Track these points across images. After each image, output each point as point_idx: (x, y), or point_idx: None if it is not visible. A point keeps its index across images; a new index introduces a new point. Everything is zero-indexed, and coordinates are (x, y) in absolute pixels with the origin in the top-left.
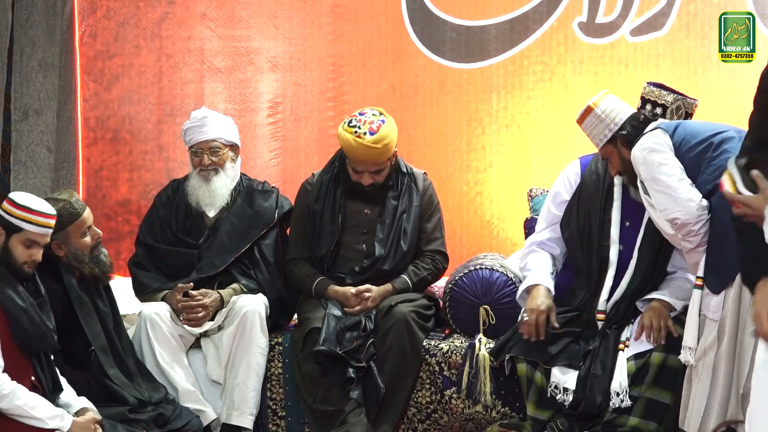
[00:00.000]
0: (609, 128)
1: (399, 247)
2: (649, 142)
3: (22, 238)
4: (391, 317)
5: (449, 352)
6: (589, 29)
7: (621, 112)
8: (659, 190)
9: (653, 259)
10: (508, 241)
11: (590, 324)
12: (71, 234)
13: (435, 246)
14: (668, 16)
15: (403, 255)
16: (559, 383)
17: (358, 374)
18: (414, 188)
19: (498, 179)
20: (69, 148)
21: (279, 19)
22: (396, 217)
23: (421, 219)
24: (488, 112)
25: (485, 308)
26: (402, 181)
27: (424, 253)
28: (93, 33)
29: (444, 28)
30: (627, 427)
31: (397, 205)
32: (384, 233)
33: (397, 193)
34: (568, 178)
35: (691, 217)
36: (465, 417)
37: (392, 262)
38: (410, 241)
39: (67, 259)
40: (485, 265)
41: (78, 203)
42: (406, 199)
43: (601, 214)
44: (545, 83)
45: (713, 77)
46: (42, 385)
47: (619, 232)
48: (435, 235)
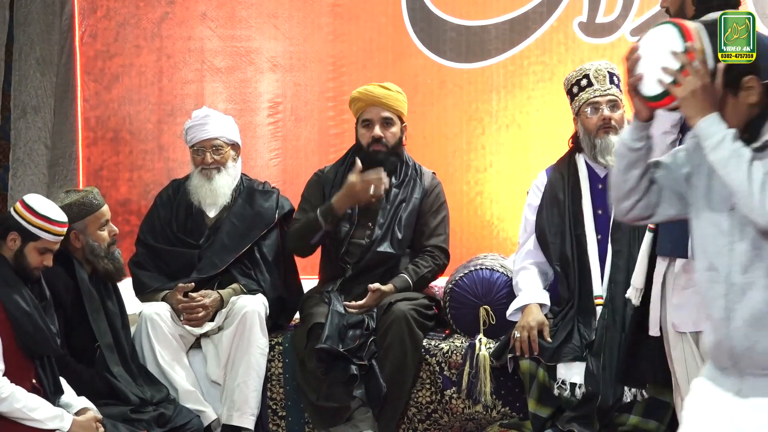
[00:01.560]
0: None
1: (394, 233)
2: None
3: (39, 246)
4: (390, 315)
5: (449, 352)
6: (590, 29)
7: None
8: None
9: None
10: (509, 241)
11: (586, 311)
12: (90, 224)
13: (436, 242)
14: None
15: (398, 241)
16: (566, 379)
17: (361, 372)
18: (418, 182)
19: (498, 179)
20: (65, 146)
21: (279, 19)
22: (395, 205)
23: (425, 214)
24: (488, 112)
25: (485, 308)
26: (406, 172)
27: (425, 249)
28: (93, 33)
29: (444, 28)
30: (628, 426)
31: (398, 193)
32: (384, 218)
33: (399, 182)
34: (537, 187)
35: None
36: (465, 417)
37: (388, 246)
38: (405, 230)
39: (83, 252)
40: (485, 266)
41: (99, 197)
42: (408, 190)
43: (569, 207)
44: (545, 83)
45: None
46: (43, 387)
47: (593, 221)
48: (438, 231)
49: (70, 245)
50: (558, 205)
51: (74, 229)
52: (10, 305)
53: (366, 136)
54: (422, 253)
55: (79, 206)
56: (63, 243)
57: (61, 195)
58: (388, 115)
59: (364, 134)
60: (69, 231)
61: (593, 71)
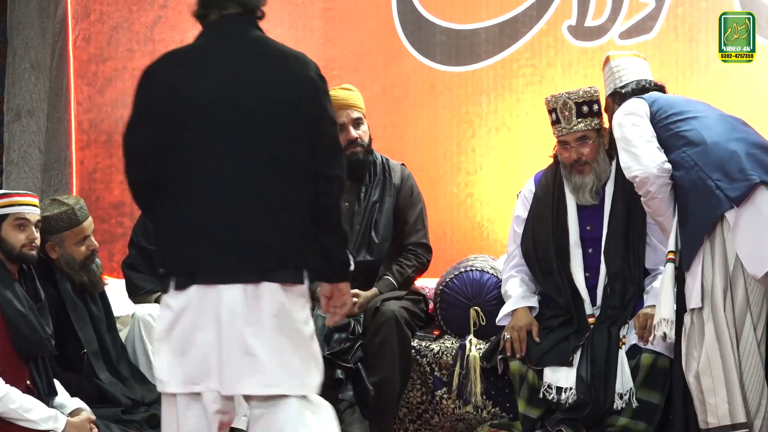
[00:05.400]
0: (614, 83)
1: (371, 238)
2: (628, 106)
3: (11, 221)
4: (381, 316)
5: (440, 353)
6: (579, 32)
7: (632, 73)
8: (625, 149)
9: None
10: (499, 242)
11: (582, 326)
12: (67, 239)
13: (417, 238)
14: (657, 19)
15: (376, 246)
16: (552, 383)
17: (347, 375)
18: (389, 179)
19: (488, 181)
20: (59, 149)
21: (271, 23)
22: (367, 209)
23: (402, 210)
24: (478, 114)
25: (476, 309)
26: (375, 171)
27: (407, 248)
28: (86, 37)
29: (434, 31)
30: (616, 427)
31: (370, 195)
32: (359, 224)
33: (370, 185)
34: (525, 197)
35: (650, 176)
36: (456, 417)
37: (366, 254)
38: (383, 231)
39: (59, 262)
40: (476, 267)
41: (81, 211)
42: (379, 190)
43: (554, 221)
44: (535, 86)
45: (701, 80)
46: (38, 388)
47: (579, 236)
48: (417, 226)
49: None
50: (543, 222)
51: (50, 240)
52: (5, 306)
53: (341, 141)
54: (405, 251)
55: (56, 220)
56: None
57: (45, 203)
58: (357, 116)
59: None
60: (45, 242)
61: (559, 106)
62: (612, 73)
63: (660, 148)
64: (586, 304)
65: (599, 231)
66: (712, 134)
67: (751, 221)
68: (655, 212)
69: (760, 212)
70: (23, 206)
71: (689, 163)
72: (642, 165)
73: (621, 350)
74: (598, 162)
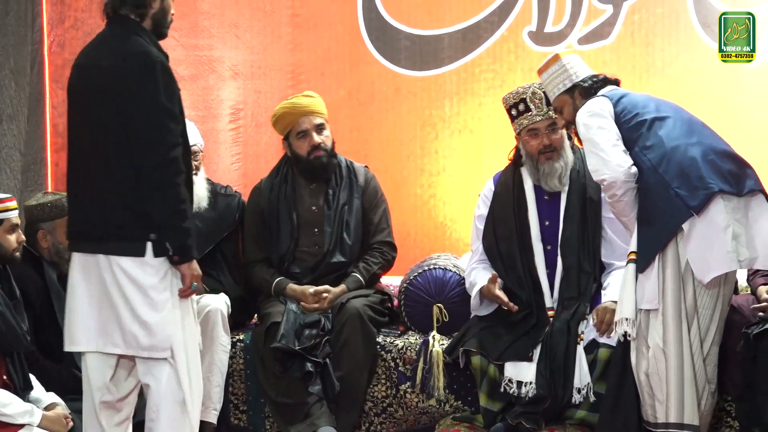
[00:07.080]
0: (570, 78)
1: (343, 239)
2: (593, 107)
3: (6, 227)
4: (344, 313)
5: (404, 348)
6: (539, 38)
7: (583, 68)
8: (593, 152)
9: (578, 245)
10: (461, 241)
11: (541, 320)
12: (58, 227)
13: (382, 237)
14: (614, 25)
15: (348, 248)
16: (513, 377)
17: (316, 369)
18: (354, 181)
19: (451, 182)
20: (36, 151)
21: (240, 29)
22: (338, 211)
23: (367, 211)
24: (442, 117)
25: (438, 306)
26: (341, 175)
27: (372, 247)
28: (61, 42)
29: (399, 37)
30: (574, 420)
31: (338, 198)
32: (331, 226)
33: (338, 187)
34: (485, 196)
35: (618, 181)
36: (419, 411)
37: (339, 255)
38: (354, 233)
39: (49, 252)
40: (438, 265)
41: None
42: (347, 192)
43: (515, 218)
44: (496, 90)
45: (657, 84)
46: (14, 383)
47: (540, 232)
48: (381, 225)
49: (38, 244)
50: (505, 219)
51: (42, 228)
52: None
53: (304, 147)
54: (371, 250)
55: (51, 207)
56: (31, 243)
57: (39, 194)
58: (320, 121)
59: (301, 146)
60: (37, 230)
61: (529, 95)
62: (565, 69)
63: (626, 151)
64: (546, 297)
65: (556, 226)
66: (671, 139)
67: (704, 229)
68: (619, 213)
69: (713, 221)
70: (11, 211)
71: (649, 166)
72: (610, 169)
73: (579, 346)
74: (565, 149)
